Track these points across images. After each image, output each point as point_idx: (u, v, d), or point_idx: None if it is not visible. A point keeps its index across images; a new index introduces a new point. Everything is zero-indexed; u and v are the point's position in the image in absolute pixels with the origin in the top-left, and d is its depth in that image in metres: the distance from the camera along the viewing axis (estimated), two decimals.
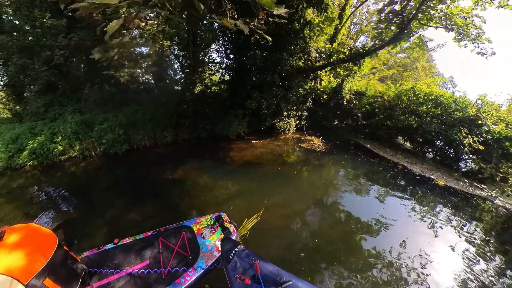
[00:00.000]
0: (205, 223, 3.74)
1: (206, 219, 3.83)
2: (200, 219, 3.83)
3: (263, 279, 2.72)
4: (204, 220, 3.80)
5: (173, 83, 14.81)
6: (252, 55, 10.29)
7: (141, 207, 5.80)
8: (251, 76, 10.81)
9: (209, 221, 3.78)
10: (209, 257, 3.20)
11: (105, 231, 4.89)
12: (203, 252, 3.25)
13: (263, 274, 2.79)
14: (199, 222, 3.77)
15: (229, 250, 3.11)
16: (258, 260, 2.96)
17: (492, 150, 8.81)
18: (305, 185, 7.39)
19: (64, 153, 8.98)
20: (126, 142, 9.66)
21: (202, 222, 3.77)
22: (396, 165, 9.26)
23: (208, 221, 3.78)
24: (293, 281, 2.68)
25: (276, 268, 2.91)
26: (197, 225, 3.70)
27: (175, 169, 8.07)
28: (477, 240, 5.15)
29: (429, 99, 11.27)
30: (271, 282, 2.68)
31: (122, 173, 8.23)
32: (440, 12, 9.26)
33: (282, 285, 2.62)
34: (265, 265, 2.93)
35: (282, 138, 12.13)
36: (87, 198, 6.41)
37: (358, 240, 4.89)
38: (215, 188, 6.73)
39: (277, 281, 2.68)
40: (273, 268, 2.90)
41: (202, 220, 3.81)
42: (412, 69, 28.13)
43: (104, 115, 10.39)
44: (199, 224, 3.73)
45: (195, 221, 3.79)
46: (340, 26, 14.69)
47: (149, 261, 3.17)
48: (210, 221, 3.77)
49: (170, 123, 10.63)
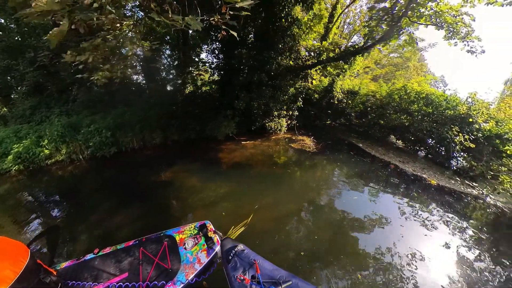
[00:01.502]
0: (189, 232, 3.57)
1: (189, 228, 3.66)
2: (184, 228, 3.66)
3: (262, 279, 2.74)
4: (188, 229, 3.63)
5: (164, 84, 14.60)
6: (238, 54, 10.09)
7: (126, 211, 5.65)
8: (238, 75, 10.64)
9: (192, 230, 3.60)
10: (189, 270, 3.04)
11: (89, 238, 4.76)
12: (184, 265, 3.10)
13: (263, 274, 2.83)
14: (182, 231, 3.61)
15: (229, 250, 3.16)
16: (258, 259, 3.00)
17: (482, 148, 8.80)
18: (295, 186, 7.27)
19: (51, 157, 8.76)
20: (114, 145, 9.47)
21: (185, 231, 3.60)
22: (388, 164, 9.21)
23: (192, 230, 3.61)
24: (292, 281, 2.71)
25: (275, 267, 2.95)
26: (180, 234, 3.53)
27: (164, 171, 7.92)
28: (469, 239, 5.14)
29: (420, 97, 11.27)
30: (271, 282, 2.71)
31: (109, 177, 8.05)
32: (430, 10, 9.26)
33: (282, 284, 2.65)
34: (265, 265, 2.97)
35: (273, 139, 11.99)
36: (72, 204, 6.24)
37: (351, 240, 4.84)
38: (203, 190, 6.60)
39: (277, 280, 2.72)
40: (273, 267, 2.95)
41: (186, 229, 3.64)
42: (404, 69, 28.46)
43: (92, 117, 10.19)
44: (182, 233, 3.56)
45: (178, 230, 3.63)
46: (331, 25, 14.64)
47: (128, 273, 3.04)
48: (194, 230, 3.60)
49: (159, 124, 10.43)
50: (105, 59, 4.12)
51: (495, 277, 4.14)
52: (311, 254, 4.33)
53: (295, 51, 11.52)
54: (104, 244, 3.48)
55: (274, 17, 9.97)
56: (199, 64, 13.02)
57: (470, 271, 4.19)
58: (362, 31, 12.44)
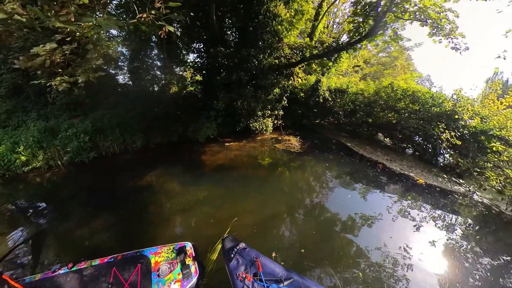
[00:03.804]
0: (166, 255, 3.29)
1: (168, 249, 3.38)
2: (162, 249, 3.39)
3: (264, 276, 2.76)
4: (166, 251, 3.35)
5: (149, 85, 14.21)
6: (213, 52, 9.75)
7: (102, 220, 5.40)
8: (217, 75, 10.26)
9: (170, 253, 3.32)
10: None
11: (61, 249, 4.55)
12: None
13: (265, 271, 2.86)
14: (160, 252, 3.34)
15: (230, 248, 3.19)
16: (259, 257, 3.05)
17: (468, 144, 8.78)
18: (278, 189, 7.06)
19: (28, 163, 8.37)
20: (93, 150, 9.12)
21: (162, 253, 3.32)
22: (376, 163, 9.09)
23: (170, 253, 3.32)
24: (294, 278, 2.75)
25: (277, 265, 3.01)
26: (156, 256, 3.26)
27: (143, 175, 7.63)
28: (456, 236, 5.15)
29: (407, 95, 11.22)
30: (273, 280, 2.74)
31: (86, 183, 7.71)
32: (414, 7, 9.22)
33: (284, 282, 2.68)
34: (267, 263, 3.01)
35: (259, 139, 11.77)
36: (47, 213, 5.94)
37: (337, 241, 4.77)
38: (183, 195, 6.38)
39: (279, 278, 2.75)
40: (275, 265, 3.00)
41: (164, 250, 3.37)
42: (392, 67, 29.23)
43: (71, 120, 9.82)
44: (158, 255, 3.29)
45: (155, 251, 3.36)
46: (317, 23, 14.50)
47: None
48: (172, 253, 3.31)
49: (140, 127, 10.09)
50: (66, 62, 3.83)
51: (481, 273, 4.16)
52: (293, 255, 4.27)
53: (277, 49, 11.17)
54: (79, 255, 3.54)
55: (253, 13, 9.71)
56: (184, 64, 12.70)
57: (458, 267, 4.23)
58: (347, 27, 12.25)
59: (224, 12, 10.42)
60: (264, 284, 2.64)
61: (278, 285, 2.65)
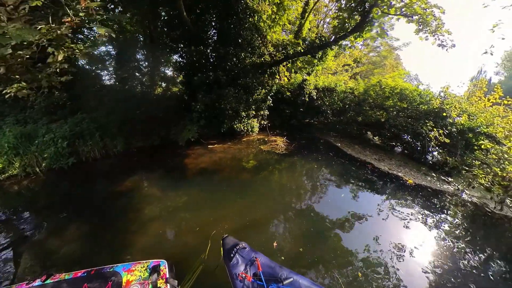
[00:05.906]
0: (139, 273, 3.05)
1: (141, 267, 3.14)
2: (135, 266, 3.15)
3: (264, 276, 2.76)
4: (139, 269, 3.11)
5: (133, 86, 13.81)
6: (187, 51, 9.35)
7: (78, 228, 5.16)
8: (194, 75, 9.86)
9: (143, 272, 3.07)
10: None
11: (34, 260, 4.33)
12: None
13: (264, 271, 2.86)
14: (133, 270, 3.09)
15: (230, 248, 3.17)
16: (259, 257, 3.05)
17: (456, 142, 8.70)
18: (261, 193, 6.84)
19: (4, 171, 8.00)
20: (72, 155, 8.74)
21: (135, 271, 3.08)
22: (365, 163, 8.94)
23: (143, 271, 3.08)
24: (294, 278, 2.76)
25: (277, 265, 3.01)
26: (128, 274, 3.02)
27: (123, 181, 7.31)
28: (445, 235, 5.15)
29: (395, 92, 11.12)
30: (273, 279, 2.74)
31: (63, 190, 7.37)
32: (400, 2, 9.13)
33: (283, 281, 2.68)
34: (267, 262, 3.02)
35: (245, 141, 11.46)
36: (22, 221, 5.61)
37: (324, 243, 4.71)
38: (162, 200, 6.10)
39: (278, 278, 2.76)
40: (274, 265, 3.00)
41: (137, 267, 3.13)
42: (381, 67, 29.95)
43: (50, 125, 9.42)
44: (131, 273, 3.05)
45: (129, 268, 3.12)
46: (304, 20, 14.28)
47: None
48: (145, 272, 3.07)
49: (121, 130, 9.72)
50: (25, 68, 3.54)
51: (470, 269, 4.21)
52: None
53: (259, 47, 10.81)
54: (53, 265, 3.49)
55: (231, 9, 9.38)
56: (168, 64, 12.36)
57: (447, 266, 4.25)
58: (331, 23, 12.02)
59: (201, 9, 9.93)
60: (263, 283, 2.65)
61: (277, 285, 2.66)
